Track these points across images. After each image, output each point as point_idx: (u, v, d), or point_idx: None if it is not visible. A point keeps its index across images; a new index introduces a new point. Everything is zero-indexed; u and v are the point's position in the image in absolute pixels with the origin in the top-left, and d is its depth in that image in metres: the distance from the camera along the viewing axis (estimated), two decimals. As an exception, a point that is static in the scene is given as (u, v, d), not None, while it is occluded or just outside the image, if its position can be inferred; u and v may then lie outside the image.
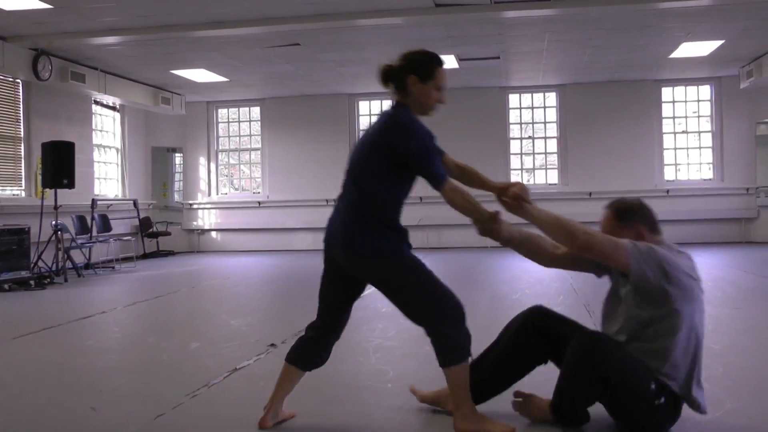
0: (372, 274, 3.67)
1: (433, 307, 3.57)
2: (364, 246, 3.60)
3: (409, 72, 3.68)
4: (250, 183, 17.85)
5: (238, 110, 17.70)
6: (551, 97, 16.65)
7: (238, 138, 17.94)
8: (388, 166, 3.57)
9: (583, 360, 3.36)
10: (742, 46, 12.98)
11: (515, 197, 3.67)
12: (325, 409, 4.08)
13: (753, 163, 15.88)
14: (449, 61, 13.30)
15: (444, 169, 3.66)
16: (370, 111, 17.17)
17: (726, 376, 4.50)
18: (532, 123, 16.93)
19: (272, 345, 5.74)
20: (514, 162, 16.81)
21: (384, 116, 3.70)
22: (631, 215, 3.59)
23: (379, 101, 16.96)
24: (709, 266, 10.92)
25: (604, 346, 3.39)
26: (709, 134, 16.20)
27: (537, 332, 3.77)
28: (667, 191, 15.87)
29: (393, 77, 3.71)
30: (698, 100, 16.31)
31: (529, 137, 16.86)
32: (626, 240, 3.42)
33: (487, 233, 3.77)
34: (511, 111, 16.77)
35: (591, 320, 6.39)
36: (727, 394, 4.07)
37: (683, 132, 16.33)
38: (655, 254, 3.36)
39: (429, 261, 10.46)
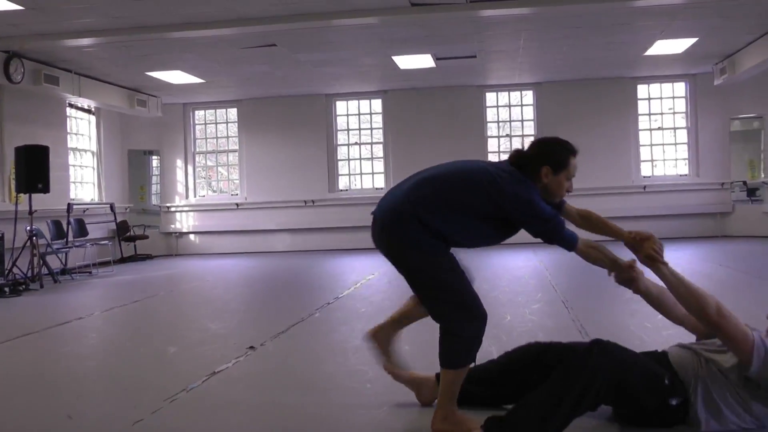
0: (405, 262, 3.65)
1: (457, 310, 3.54)
2: (407, 235, 3.58)
3: (544, 163, 3.66)
4: (228, 185, 17.77)
5: (215, 112, 17.61)
6: (528, 95, 16.69)
7: (215, 140, 17.86)
8: (477, 219, 3.61)
9: (601, 362, 3.30)
10: (716, 43, 13.06)
11: (649, 258, 3.55)
12: (305, 410, 4.04)
13: (727, 159, 16.01)
14: (426, 61, 13.31)
15: (569, 230, 3.61)
16: (347, 111, 17.15)
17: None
18: (509, 121, 16.96)
19: (251, 347, 5.70)
20: (493, 160, 16.78)
21: (503, 187, 3.56)
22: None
23: (356, 101, 16.95)
24: (685, 260, 10.99)
25: (616, 350, 3.37)
26: (685, 130, 16.30)
27: (530, 370, 3.74)
28: (644, 187, 15.95)
29: (525, 164, 3.69)
30: (673, 97, 16.40)
31: (507, 135, 16.88)
32: (756, 333, 3.33)
33: (625, 283, 3.71)
34: (488, 109, 16.79)
35: (569, 315, 6.41)
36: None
37: (659, 128, 16.43)
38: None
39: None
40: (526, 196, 3.55)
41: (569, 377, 3.26)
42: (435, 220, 3.54)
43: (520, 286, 9.12)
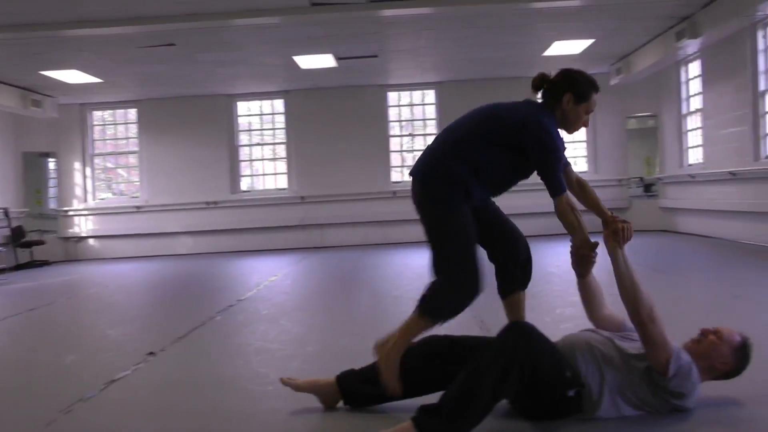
0: (424, 217, 3.81)
1: (449, 277, 3.67)
2: (430, 191, 3.76)
3: (568, 90, 3.79)
4: (129, 187, 17.39)
5: (114, 112, 17.21)
6: (430, 95, 16.83)
7: (114, 141, 17.45)
8: (504, 154, 3.78)
9: (519, 343, 3.34)
10: (612, 45, 13.44)
11: (614, 233, 3.60)
12: (204, 415, 3.98)
13: (624, 156, 16.49)
14: (327, 60, 13.30)
15: (564, 182, 3.73)
16: (249, 111, 16.99)
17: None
18: (412, 120, 17.07)
19: (151, 353, 5.59)
20: (395, 159, 16.93)
21: (527, 113, 3.75)
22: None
23: (258, 101, 16.81)
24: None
25: (535, 332, 3.43)
26: (583, 129, 16.66)
27: (439, 360, 3.73)
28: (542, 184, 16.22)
29: (549, 88, 3.84)
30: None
31: (409, 134, 17.00)
32: (676, 346, 3.44)
33: (580, 261, 3.82)
34: (390, 108, 16.87)
35: (470, 311, 6.48)
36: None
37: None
38: (692, 378, 3.43)
39: (311, 261, 10.38)
40: (546, 124, 3.71)
41: (490, 359, 3.28)
42: (467, 155, 3.73)
43: (422, 284, 9.11)
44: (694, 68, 14.07)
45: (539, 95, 3.90)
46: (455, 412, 3.22)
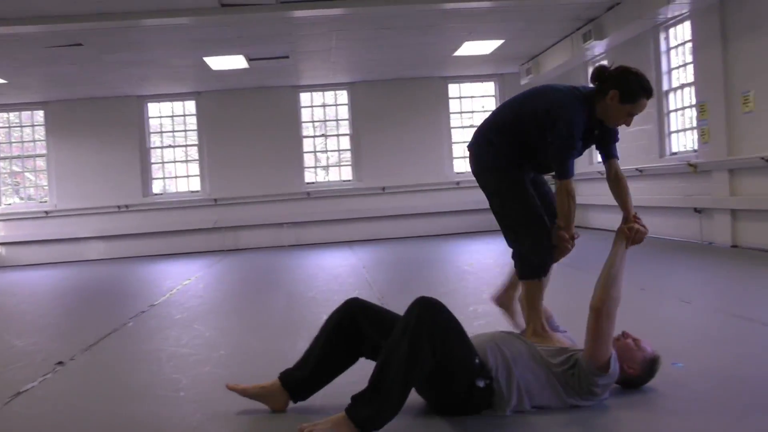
0: (484, 187, 4.32)
1: (522, 235, 4.18)
2: (484, 159, 4.26)
3: (616, 86, 3.93)
4: (37, 191, 16.95)
5: (20, 114, 16.72)
6: (343, 95, 16.85)
7: (21, 144, 16.95)
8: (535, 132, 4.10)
9: (424, 314, 3.38)
10: (521, 45, 13.70)
11: (630, 229, 3.80)
12: (114, 423, 3.91)
13: (536, 154, 16.77)
14: (238, 62, 13.20)
15: (574, 170, 4.04)
16: (160, 113, 16.74)
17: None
18: (324, 121, 17.07)
19: (59, 363, 5.46)
20: (308, 160, 16.91)
21: (557, 99, 4.06)
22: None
23: (169, 103, 16.57)
24: (497, 252, 11.42)
25: (441, 306, 3.48)
26: (496, 128, 16.92)
27: (352, 326, 3.75)
28: (457, 183, 16.44)
29: (602, 80, 4.03)
30: (484, 96, 17.03)
31: (323, 135, 17.00)
32: (615, 354, 3.57)
33: (561, 246, 4.11)
34: (303, 109, 16.83)
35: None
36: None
37: (471, 126, 16.96)
38: (611, 383, 3.59)
39: (225, 263, 10.31)
40: (569, 111, 3.99)
41: (399, 333, 3.33)
42: (506, 135, 4.17)
43: (337, 284, 9.21)
44: (601, 68, 14.43)
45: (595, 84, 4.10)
46: (377, 394, 3.26)
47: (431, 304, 3.46)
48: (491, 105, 16.91)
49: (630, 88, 3.96)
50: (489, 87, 16.96)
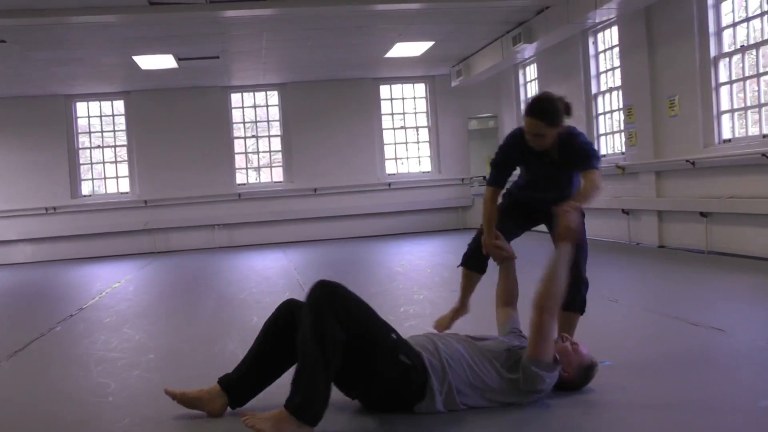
0: None
1: None
2: None
3: None
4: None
5: (-59, 114, 16.26)
6: (274, 96, 16.78)
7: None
8: None
9: (319, 293, 3.48)
10: (452, 47, 13.81)
11: (566, 229, 3.83)
12: (43, 431, 3.85)
13: (466, 156, 16.95)
14: (168, 61, 13.05)
15: (494, 179, 4.53)
16: (88, 113, 16.45)
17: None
18: (255, 122, 16.98)
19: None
20: (240, 161, 16.81)
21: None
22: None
23: (97, 102, 16.31)
24: (429, 253, 11.52)
25: (337, 284, 3.55)
26: (426, 129, 17.07)
27: (288, 325, 3.75)
28: (389, 184, 16.53)
29: None
30: (414, 98, 17.13)
31: (254, 136, 16.91)
32: (554, 354, 3.65)
33: (489, 246, 4.45)
34: (234, 110, 16.73)
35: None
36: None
37: (402, 128, 17.09)
38: (552, 380, 3.65)
39: (156, 266, 10.18)
40: (505, 138, 4.59)
41: (305, 315, 3.43)
42: None
43: (268, 286, 9.18)
44: (532, 71, 14.67)
45: None
46: (301, 380, 3.33)
47: (326, 282, 3.55)
48: (422, 107, 17.04)
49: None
50: (420, 89, 17.07)
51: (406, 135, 17.12)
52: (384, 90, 16.89)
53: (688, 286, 7.43)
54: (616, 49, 11.36)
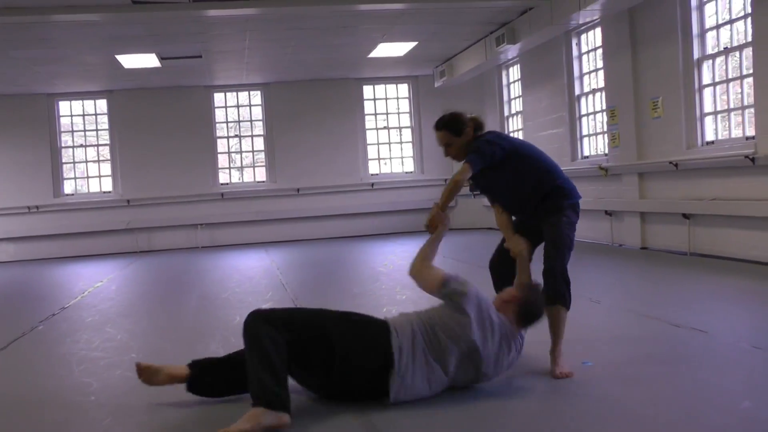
0: None
1: None
2: None
3: None
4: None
5: None
6: (257, 96, 16.74)
7: None
8: None
9: (254, 318, 3.68)
10: (434, 48, 13.83)
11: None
12: (24, 430, 3.84)
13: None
14: (150, 60, 13.00)
15: (473, 168, 4.60)
16: (71, 112, 16.37)
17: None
18: (239, 121, 16.95)
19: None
20: (222, 161, 16.77)
21: None
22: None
23: (80, 101, 16.22)
24: (412, 253, 11.44)
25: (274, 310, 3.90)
26: (410, 130, 17.08)
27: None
28: (372, 184, 16.52)
29: None
30: (398, 98, 17.14)
31: (236, 136, 16.85)
32: (475, 287, 4.03)
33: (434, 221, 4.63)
34: (217, 110, 16.69)
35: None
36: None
37: (385, 128, 17.09)
38: (461, 279, 4.08)
39: (138, 265, 10.14)
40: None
41: (246, 343, 3.64)
42: None
43: (251, 286, 9.17)
44: (515, 72, 14.71)
45: None
46: (255, 381, 3.50)
47: (258, 309, 3.80)
48: (406, 107, 17.06)
49: None
50: (403, 89, 17.08)
51: (389, 135, 17.13)
52: (367, 90, 16.89)
53: (670, 287, 7.48)
54: (600, 51, 11.39)
